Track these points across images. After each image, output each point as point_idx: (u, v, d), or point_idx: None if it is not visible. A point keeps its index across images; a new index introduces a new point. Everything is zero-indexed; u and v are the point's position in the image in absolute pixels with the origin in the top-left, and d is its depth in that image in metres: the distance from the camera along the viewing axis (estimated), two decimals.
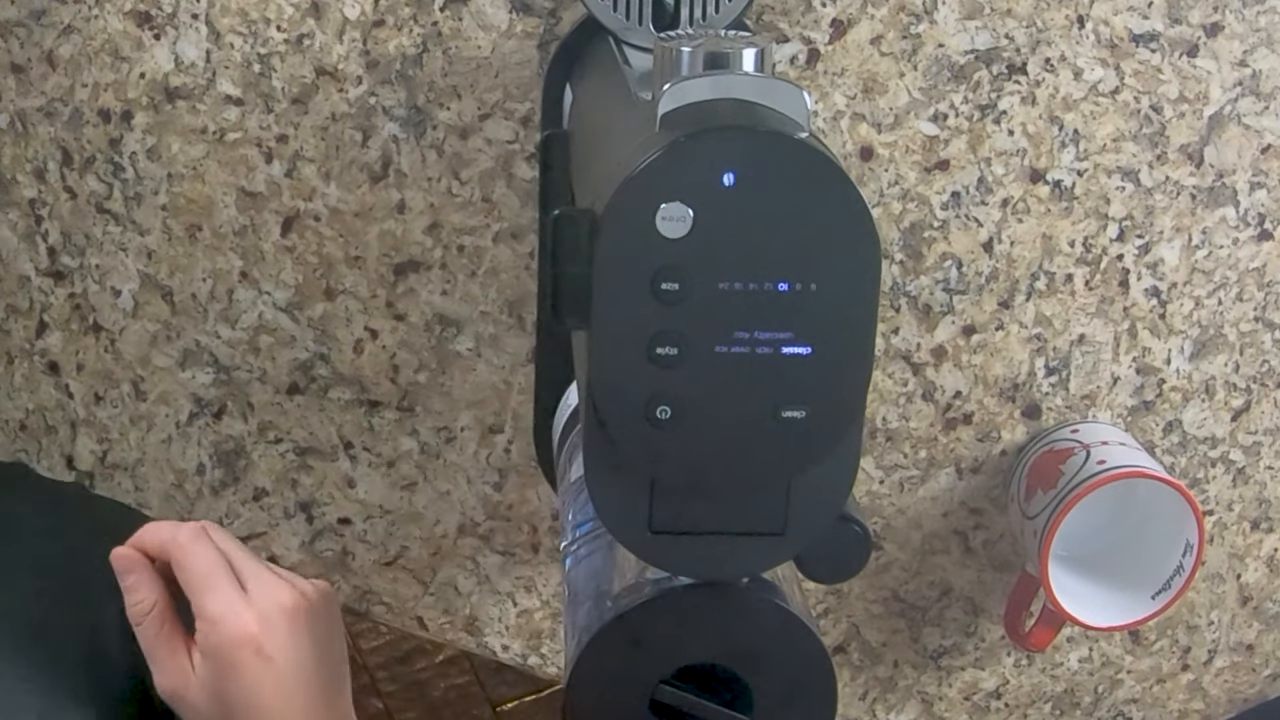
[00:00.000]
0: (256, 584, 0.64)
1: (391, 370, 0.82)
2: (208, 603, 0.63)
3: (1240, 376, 0.84)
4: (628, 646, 0.54)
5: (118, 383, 0.82)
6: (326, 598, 0.66)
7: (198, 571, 0.64)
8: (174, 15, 0.75)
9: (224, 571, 0.64)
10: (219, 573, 0.64)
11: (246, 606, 0.63)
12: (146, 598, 0.64)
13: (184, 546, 0.64)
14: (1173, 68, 0.77)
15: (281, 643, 0.63)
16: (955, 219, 0.79)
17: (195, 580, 0.63)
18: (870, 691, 0.91)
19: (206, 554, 0.64)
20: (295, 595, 0.64)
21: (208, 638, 0.63)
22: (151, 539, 0.65)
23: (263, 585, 0.64)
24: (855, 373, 0.48)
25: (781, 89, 0.47)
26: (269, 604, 0.63)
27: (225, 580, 0.64)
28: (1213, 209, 0.80)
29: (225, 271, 0.80)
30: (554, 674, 0.90)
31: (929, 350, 0.82)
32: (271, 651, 0.63)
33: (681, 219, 0.45)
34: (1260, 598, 0.90)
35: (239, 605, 0.63)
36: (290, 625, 0.64)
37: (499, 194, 0.78)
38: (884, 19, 0.75)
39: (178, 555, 0.64)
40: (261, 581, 0.64)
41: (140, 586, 0.64)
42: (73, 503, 0.81)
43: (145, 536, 0.66)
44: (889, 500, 0.85)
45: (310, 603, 0.65)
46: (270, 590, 0.64)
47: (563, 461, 0.74)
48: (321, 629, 0.65)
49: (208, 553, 0.64)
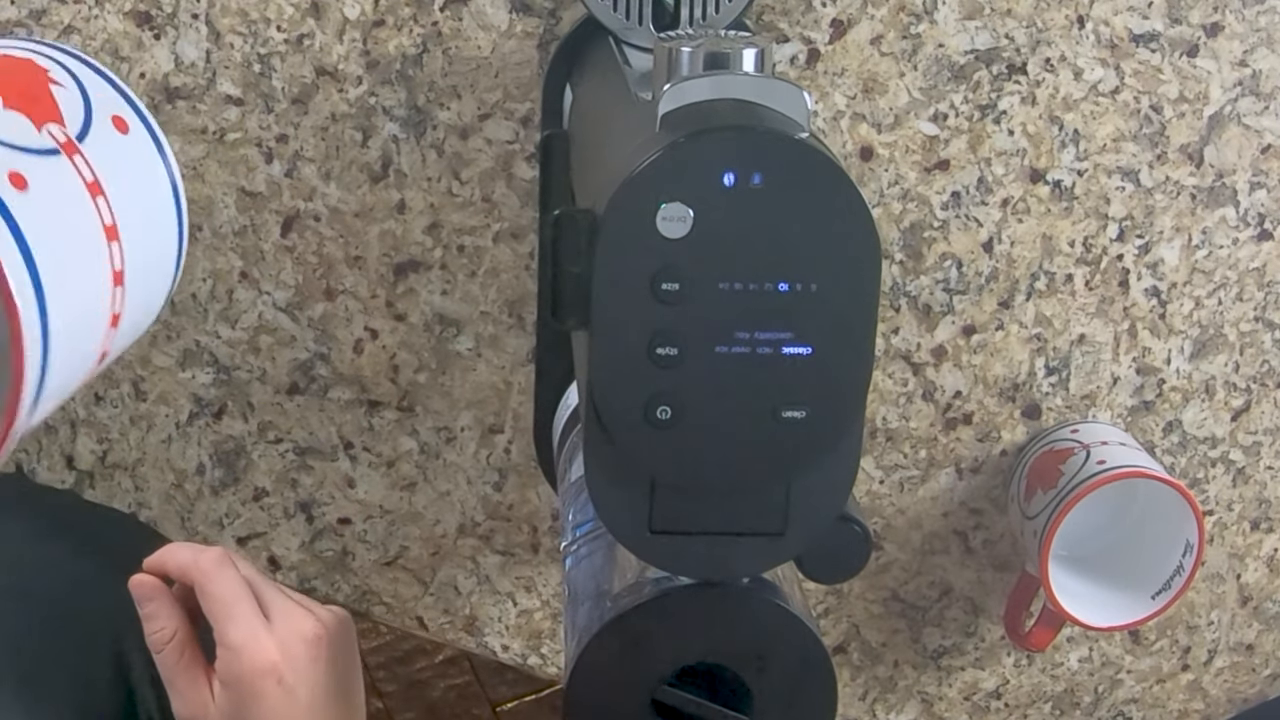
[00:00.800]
0: (278, 613, 0.63)
1: (391, 370, 0.82)
2: (230, 630, 0.62)
3: (1240, 376, 0.84)
4: (628, 646, 0.54)
5: (118, 383, 0.82)
6: (345, 625, 0.66)
7: (221, 599, 0.63)
8: (174, 15, 0.75)
9: (248, 599, 0.63)
10: (242, 601, 0.63)
11: (269, 635, 0.62)
12: (167, 626, 0.63)
13: (208, 572, 0.63)
14: (1173, 68, 0.77)
15: (303, 673, 0.63)
16: (955, 219, 0.79)
17: (218, 608, 0.62)
18: (870, 691, 0.91)
19: (231, 580, 0.63)
20: (316, 625, 0.64)
21: (229, 667, 0.62)
22: (173, 562, 0.64)
23: (284, 614, 0.63)
24: (855, 373, 0.48)
25: (781, 89, 0.47)
26: (290, 634, 0.63)
27: (249, 608, 0.63)
28: (1213, 209, 0.80)
29: (225, 271, 0.80)
30: (554, 674, 0.90)
31: (929, 350, 0.82)
32: (293, 681, 0.62)
33: (681, 219, 0.45)
34: (1260, 598, 0.90)
35: (261, 634, 0.62)
36: (311, 655, 0.63)
37: (499, 194, 0.78)
38: (884, 19, 0.75)
39: (201, 580, 0.63)
40: (283, 610, 0.64)
41: (160, 614, 0.63)
42: (66, 516, 0.80)
43: (166, 558, 0.64)
44: (889, 500, 0.85)
45: (330, 632, 0.64)
46: (292, 620, 0.63)
47: (563, 461, 0.74)
48: (341, 658, 0.65)
49: (232, 579, 0.63)
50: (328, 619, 0.65)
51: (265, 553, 0.86)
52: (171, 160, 0.52)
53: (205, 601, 0.63)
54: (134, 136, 0.51)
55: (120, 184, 0.48)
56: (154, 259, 0.51)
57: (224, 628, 0.62)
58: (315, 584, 0.86)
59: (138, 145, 0.51)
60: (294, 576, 0.86)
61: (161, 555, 0.64)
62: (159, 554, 0.64)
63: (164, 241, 0.52)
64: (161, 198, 0.51)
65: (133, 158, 0.50)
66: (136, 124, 0.51)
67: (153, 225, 0.51)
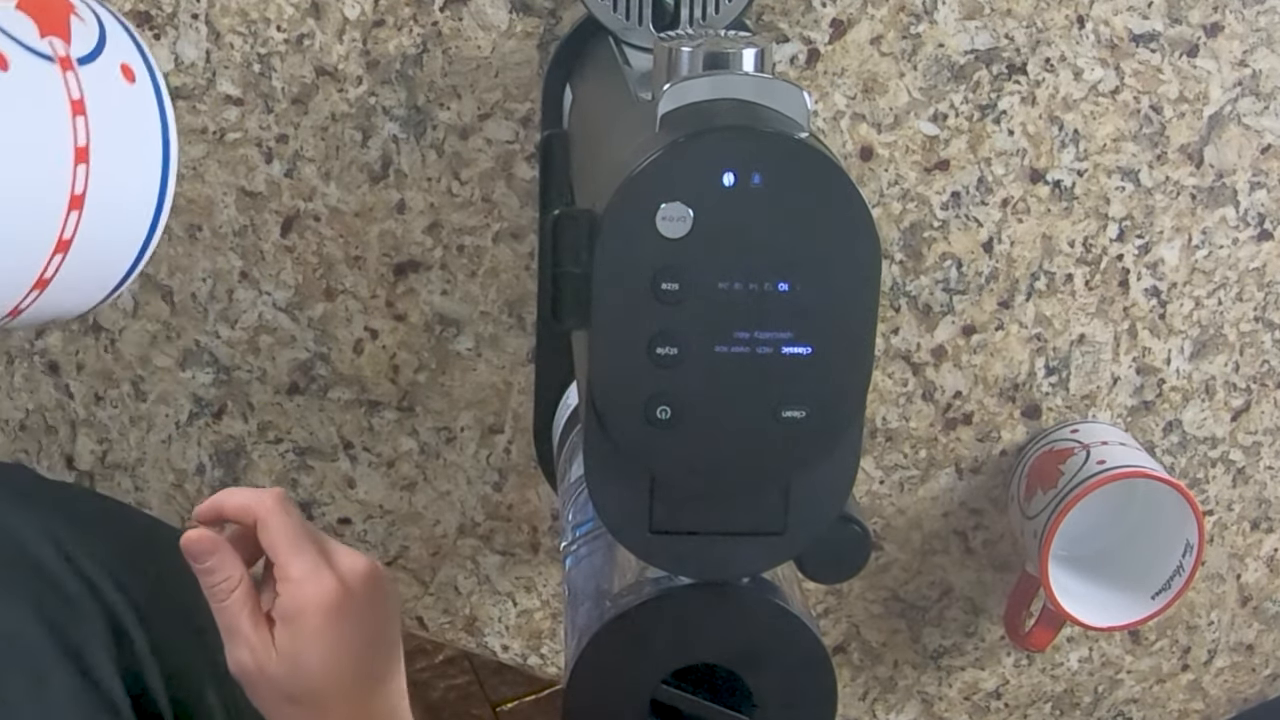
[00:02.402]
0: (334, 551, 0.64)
1: (391, 370, 0.82)
2: (294, 563, 0.63)
3: (1240, 376, 0.84)
4: (628, 646, 0.54)
5: (118, 383, 0.82)
6: (388, 573, 0.67)
7: (285, 533, 0.63)
8: (174, 15, 0.75)
9: (309, 536, 0.64)
10: (305, 538, 0.63)
11: (330, 571, 0.63)
12: (232, 574, 0.63)
13: (271, 509, 0.64)
14: (1173, 68, 0.77)
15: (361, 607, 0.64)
16: (955, 219, 0.79)
17: (282, 541, 0.63)
18: (870, 691, 0.91)
19: (294, 517, 0.64)
20: (370, 563, 0.65)
21: (294, 599, 0.63)
22: (232, 503, 0.65)
23: (342, 552, 0.64)
24: (855, 373, 0.48)
25: (781, 89, 0.47)
26: (349, 570, 0.64)
27: (311, 544, 0.63)
28: (1213, 209, 0.80)
29: (225, 271, 0.80)
30: (554, 674, 0.90)
31: (929, 350, 0.82)
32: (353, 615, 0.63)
33: (681, 219, 0.45)
34: (1260, 598, 0.90)
35: (324, 568, 0.63)
36: (369, 591, 0.64)
37: (499, 194, 0.78)
38: (884, 19, 0.75)
39: (264, 516, 0.64)
40: (339, 549, 0.65)
41: (223, 565, 0.64)
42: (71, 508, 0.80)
43: (224, 501, 0.65)
44: (889, 500, 0.85)
45: (381, 572, 0.65)
46: (349, 557, 0.64)
47: (563, 461, 0.74)
48: (393, 599, 0.66)
49: (295, 516, 0.64)
50: (377, 562, 0.66)
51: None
52: (171, 126, 0.52)
53: (268, 536, 0.63)
54: (139, 90, 0.51)
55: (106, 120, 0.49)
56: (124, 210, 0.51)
57: (287, 560, 0.63)
58: None
59: (139, 99, 0.51)
60: None
61: (218, 499, 0.65)
62: (214, 499, 0.65)
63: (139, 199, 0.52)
64: (149, 156, 0.51)
65: (130, 107, 0.51)
66: (145, 81, 0.51)
67: (131, 175, 0.51)
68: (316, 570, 0.63)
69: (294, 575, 0.63)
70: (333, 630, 0.63)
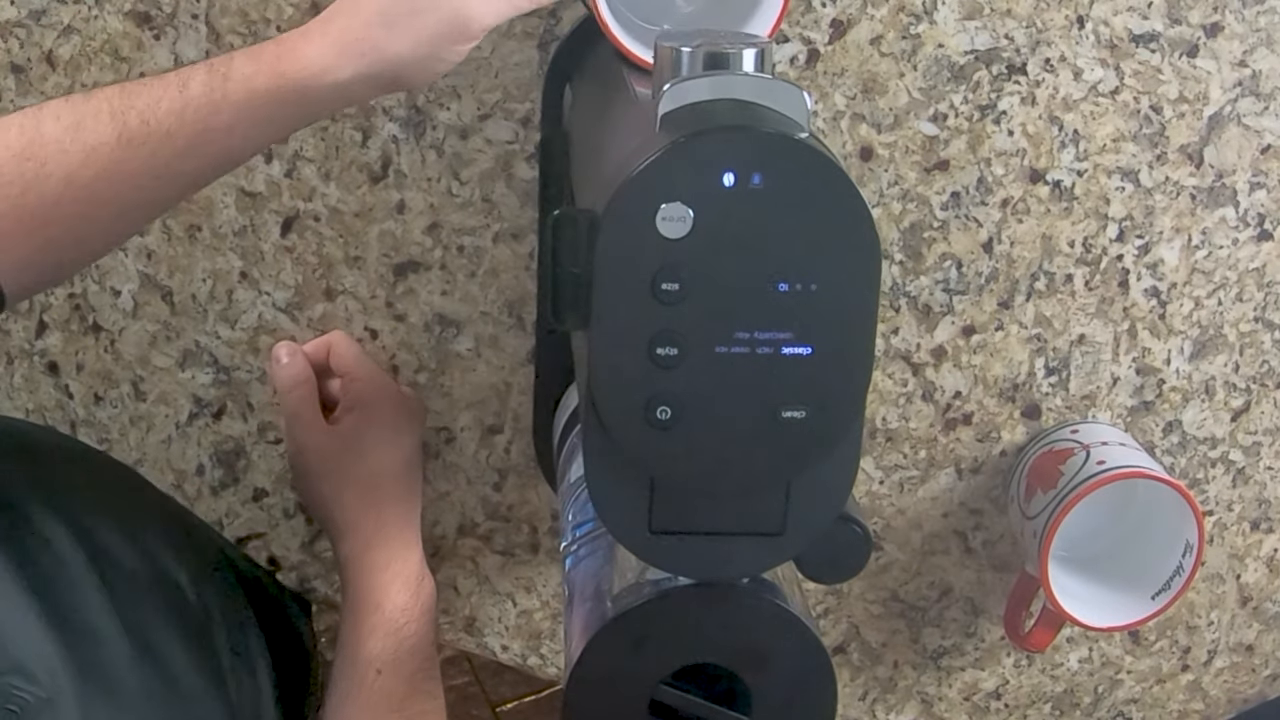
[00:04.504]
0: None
1: (391, 370, 0.82)
2: (361, 368, 0.77)
3: (1240, 377, 0.84)
4: (628, 646, 0.54)
5: (117, 383, 0.82)
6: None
7: (354, 351, 0.78)
8: (174, 15, 0.75)
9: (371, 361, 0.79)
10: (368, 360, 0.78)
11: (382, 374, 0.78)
12: (302, 370, 0.77)
13: (343, 337, 0.79)
14: (1173, 68, 0.77)
15: (414, 409, 0.79)
16: (955, 219, 0.79)
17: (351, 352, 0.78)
18: (870, 691, 0.91)
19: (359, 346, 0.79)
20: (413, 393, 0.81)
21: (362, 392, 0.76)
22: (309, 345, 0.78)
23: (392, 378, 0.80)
24: (855, 373, 0.48)
25: (781, 89, 0.47)
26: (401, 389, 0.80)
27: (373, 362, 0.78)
28: (1213, 209, 0.80)
29: (225, 272, 0.80)
30: (554, 674, 0.90)
31: (929, 350, 0.82)
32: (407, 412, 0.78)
33: (681, 219, 0.45)
34: (1260, 598, 0.90)
35: (386, 375, 0.79)
36: (416, 403, 0.80)
37: (499, 194, 0.78)
38: (884, 19, 0.75)
39: (337, 339, 0.78)
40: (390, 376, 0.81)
41: (297, 362, 0.77)
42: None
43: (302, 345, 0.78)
44: (889, 500, 0.85)
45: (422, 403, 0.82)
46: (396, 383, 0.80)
47: (563, 462, 0.74)
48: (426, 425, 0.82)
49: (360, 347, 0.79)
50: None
51: (265, 553, 0.86)
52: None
53: (339, 351, 0.78)
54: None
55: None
56: None
57: (356, 366, 0.77)
58: (315, 584, 0.86)
59: None
60: (294, 577, 0.86)
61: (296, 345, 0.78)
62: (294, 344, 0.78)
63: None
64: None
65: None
66: None
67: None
68: (381, 374, 0.78)
69: (361, 375, 0.77)
70: (394, 419, 0.76)
